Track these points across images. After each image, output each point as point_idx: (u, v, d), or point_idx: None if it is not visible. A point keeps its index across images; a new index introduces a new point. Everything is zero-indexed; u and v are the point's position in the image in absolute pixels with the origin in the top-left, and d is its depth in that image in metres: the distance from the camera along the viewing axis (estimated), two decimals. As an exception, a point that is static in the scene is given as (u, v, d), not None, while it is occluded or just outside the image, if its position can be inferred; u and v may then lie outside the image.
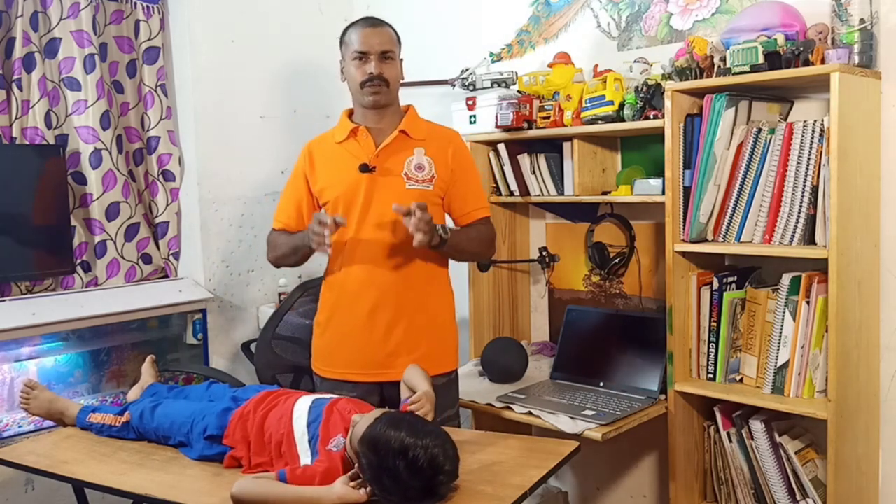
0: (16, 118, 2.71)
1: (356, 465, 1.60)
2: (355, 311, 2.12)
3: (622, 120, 2.39)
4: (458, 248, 2.13)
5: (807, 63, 1.99)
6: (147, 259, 3.06)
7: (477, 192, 2.24)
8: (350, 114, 2.21)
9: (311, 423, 1.77)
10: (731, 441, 2.23)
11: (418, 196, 2.07)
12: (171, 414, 1.95)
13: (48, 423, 2.66)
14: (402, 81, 2.21)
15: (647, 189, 2.37)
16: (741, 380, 2.23)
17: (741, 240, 2.13)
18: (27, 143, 2.72)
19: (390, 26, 2.17)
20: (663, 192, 2.24)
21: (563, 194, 2.62)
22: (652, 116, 2.31)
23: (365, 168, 2.10)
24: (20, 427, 2.66)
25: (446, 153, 2.16)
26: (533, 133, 2.60)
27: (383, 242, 2.09)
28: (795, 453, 2.10)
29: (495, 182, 2.78)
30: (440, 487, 1.54)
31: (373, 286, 2.10)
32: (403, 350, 2.10)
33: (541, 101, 2.61)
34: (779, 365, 2.09)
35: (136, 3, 3.00)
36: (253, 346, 2.87)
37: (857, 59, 1.99)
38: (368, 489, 1.56)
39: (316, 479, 1.62)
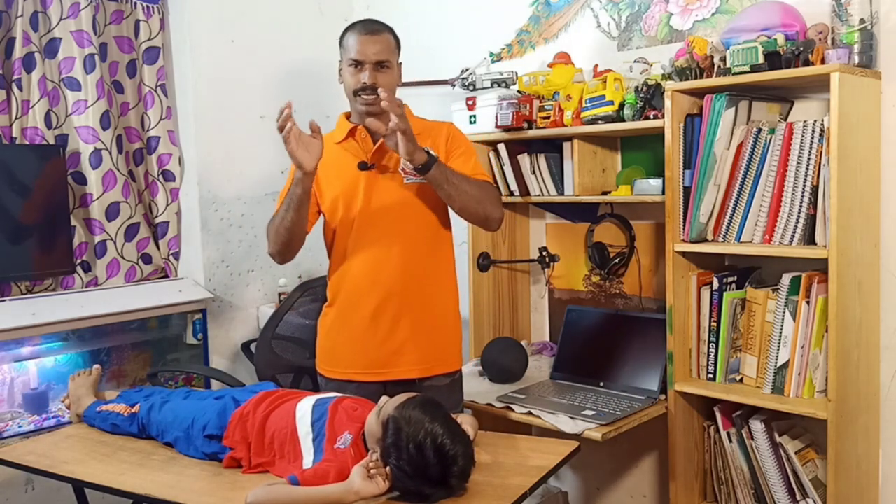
0: (16, 118, 2.71)
1: (377, 442, 1.63)
2: (358, 310, 2.12)
3: (622, 120, 2.39)
4: (450, 180, 1.98)
5: (807, 63, 1.98)
6: (147, 259, 3.06)
7: (474, 163, 2.15)
8: (348, 115, 2.22)
9: (316, 422, 1.77)
10: (731, 441, 2.23)
11: (417, 189, 2.08)
12: (177, 409, 1.97)
13: (48, 422, 2.68)
14: (399, 84, 2.18)
15: (646, 189, 2.37)
16: (741, 380, 2.22)
17: (741, 240, 2.13)
18: (27, 143, 2.72)
19: (390, 30, 2.13)
20: (663, 192, 2.24)
21: (563, 194, 2.62)
22: (652, 116, 2.31)
23: (364, 166, 2.10)
24: (20, 427, 2.66)
25: (440, 141, 2.15)
26: (533, 133, 2.60)
27: (384, 239, 2.09)
28: (795, 453, 2.10)
29: (495, 182, 2.77)
30: (453, 479, 1.58)
31: (375, 284, 2.09)
32: (406, 348, 2.10)
33: (541, 101, 2.61)
34: (779, 365, 2.09)
35: (136, 3, 3.00)
36: (253, 346, 2.88)
37: (857, 59, 1.99)
38: (387, 480, 1.57)
39: (329, 478, 1.62)
